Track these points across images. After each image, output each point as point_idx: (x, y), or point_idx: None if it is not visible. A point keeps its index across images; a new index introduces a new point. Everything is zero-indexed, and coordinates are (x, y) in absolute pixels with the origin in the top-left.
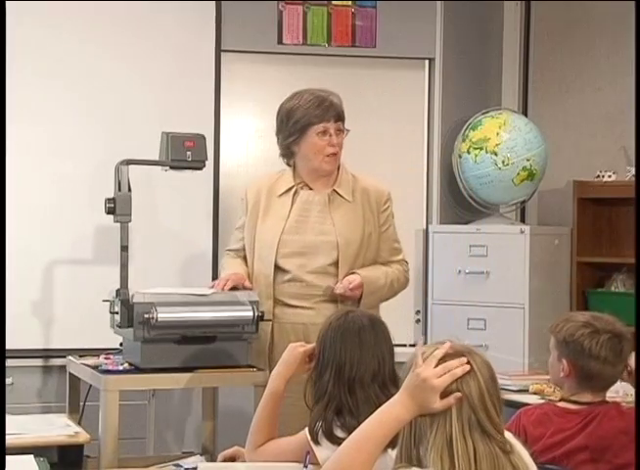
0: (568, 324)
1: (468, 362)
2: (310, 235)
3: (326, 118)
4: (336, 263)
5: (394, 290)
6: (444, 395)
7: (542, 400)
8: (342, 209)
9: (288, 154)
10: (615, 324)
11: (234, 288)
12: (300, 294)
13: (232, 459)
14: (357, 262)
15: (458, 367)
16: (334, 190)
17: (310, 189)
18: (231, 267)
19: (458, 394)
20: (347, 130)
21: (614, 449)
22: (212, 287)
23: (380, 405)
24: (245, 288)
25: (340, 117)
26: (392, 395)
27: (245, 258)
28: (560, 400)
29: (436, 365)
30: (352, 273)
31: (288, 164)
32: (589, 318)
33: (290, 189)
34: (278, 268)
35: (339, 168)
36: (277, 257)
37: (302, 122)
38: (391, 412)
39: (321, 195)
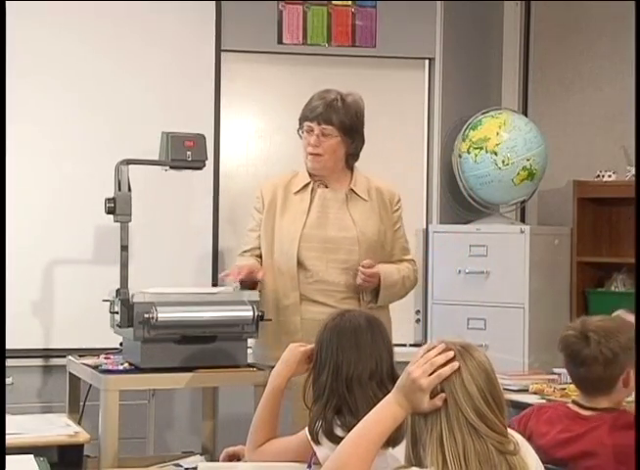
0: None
1: (453, 358)
2: (331, 231)
3: (310, 118)
4: (356, 259)
5: (406, 288)
6: (434, 394)
7: (543, 400)
8: (359, 207)
9: None
10: (586, 323)
11: (246, 279)
12: (324, 290)
13: (236, 456)
14: (375, 259)
15: (446, 366)
16: (351, 189)
17: (326, 187)
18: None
19: (443, 395)
20: (348, 139)
21: (617, 461)
22: (226, 276)
23: None
24: (256, 279)
25: (328, 122)
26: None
27: (260, 257)
28: (572, 402)
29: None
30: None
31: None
32: (580, 319)
33: (306, 186)
34: (300, 265)
35: (352, 169)
36: (299, 250)
37: (300, 116)
38: (387, 410)
39: (339, 193)
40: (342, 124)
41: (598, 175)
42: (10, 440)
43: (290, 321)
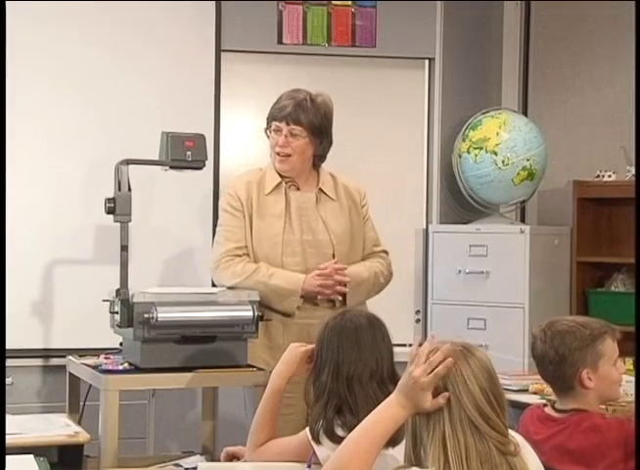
0: None
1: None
2: (309, 235)
3: (278, 118)
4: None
5: (380, 284)
6: (437, 393)
7: (542, 400)
8: (328, 207)
9: None
10: (548, 323)
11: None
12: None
13: (236, 456)
14: (351, 259)
15: (441, 364)
16: (320, 189)
17: (297, 189)
18: (290, 273)
19: (446, 393)
20: (316, 140)
21: (584, 461)
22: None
23: (379, 404)
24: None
25: (297, 122)
26: (391, 392)
27: (248, 256)
28: (550, 404)
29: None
30: None
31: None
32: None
33: (278, 186)
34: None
35: (319, 169)
36: (282, 256)
37: (268, 115)
38: (388, 411)
39: (311, 195)
40: (310, 125)
41: (598, 175)
42: (10, 440)
43: (271, 323)
